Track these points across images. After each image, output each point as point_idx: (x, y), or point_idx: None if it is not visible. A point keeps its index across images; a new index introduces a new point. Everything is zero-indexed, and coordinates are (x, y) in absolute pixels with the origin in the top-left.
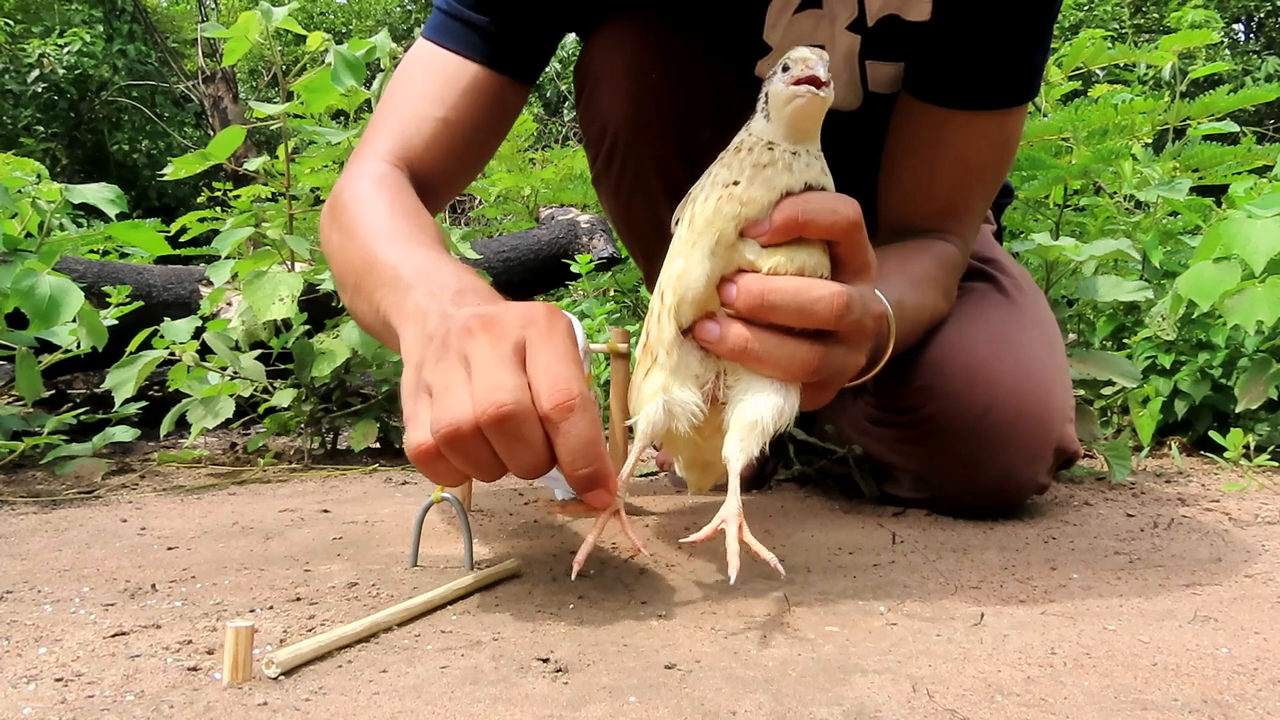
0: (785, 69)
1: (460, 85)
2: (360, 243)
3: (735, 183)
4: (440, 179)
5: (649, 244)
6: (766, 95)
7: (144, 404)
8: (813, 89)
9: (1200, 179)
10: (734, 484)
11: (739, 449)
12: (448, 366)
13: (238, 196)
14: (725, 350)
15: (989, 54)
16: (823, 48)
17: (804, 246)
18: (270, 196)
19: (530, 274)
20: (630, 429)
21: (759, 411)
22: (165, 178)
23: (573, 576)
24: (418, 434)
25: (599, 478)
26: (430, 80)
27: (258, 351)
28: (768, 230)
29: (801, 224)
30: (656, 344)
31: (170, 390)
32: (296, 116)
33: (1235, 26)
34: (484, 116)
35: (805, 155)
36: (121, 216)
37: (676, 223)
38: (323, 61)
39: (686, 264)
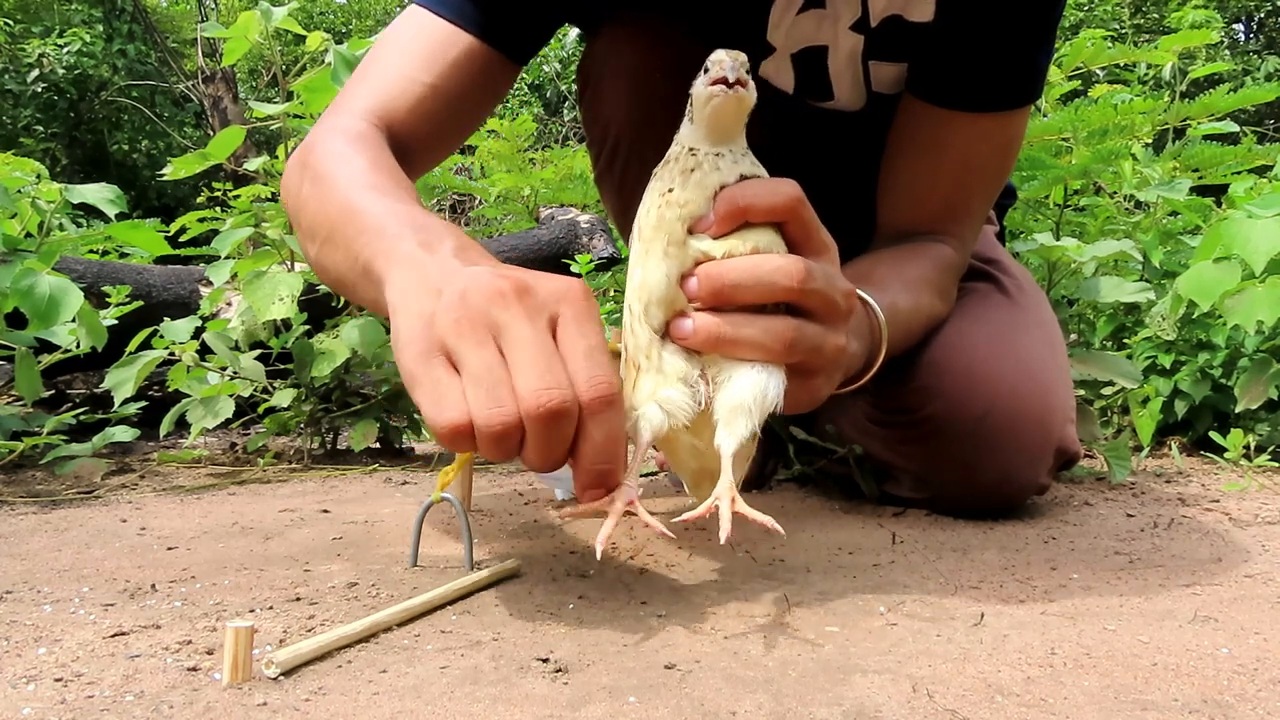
0: (706, 71)
1: (451, 54)
2: (338, 193)
3: (670, 190)
4: (419, 145)
5: None
6: (691, 98)
7: (144, 404)
8: (724, 88)
9: (1200, 179)
10: (726, 464)
11: (727, 433)
12: (475, 335)
13: (237, 196)
14: (700, 341)
15: (992, 55)
16: (826, 48)
17: (755, 230)
18: (270, 196)
19: None
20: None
21: (741, 392)
22: (165, 178)
23: (598, 555)
24: (450, 413)
25: (609, 478)
26: (420, 45)
27: (257, 351)
28: (713, 222)
29: (743, 208)
30: (635, 353)
31: (170, 390)
32: (296, 116)
33: (1235, 26)
34: (471, 89)
35: (729, 155)
36: (121, 216)
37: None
38: (323, 61)
39: (644, 270)
